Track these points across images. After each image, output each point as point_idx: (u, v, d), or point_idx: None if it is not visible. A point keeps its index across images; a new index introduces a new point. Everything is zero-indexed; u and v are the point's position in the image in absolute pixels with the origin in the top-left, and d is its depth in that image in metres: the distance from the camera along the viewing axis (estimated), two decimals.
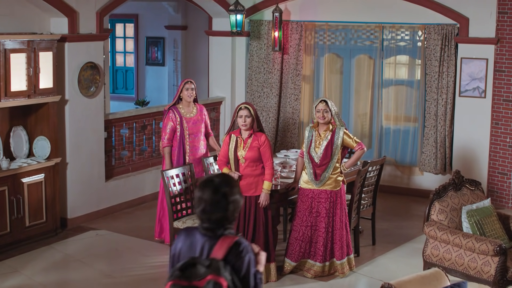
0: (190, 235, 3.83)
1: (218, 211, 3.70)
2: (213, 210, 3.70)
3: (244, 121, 7.27)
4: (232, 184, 3.78)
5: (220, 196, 3.70)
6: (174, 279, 3.53)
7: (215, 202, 3.70)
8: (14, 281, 7.55)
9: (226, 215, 3.72)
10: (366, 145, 11.55)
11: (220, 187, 3.72)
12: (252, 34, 12.06)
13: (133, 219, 9.91)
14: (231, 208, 3.72)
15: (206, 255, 3.71)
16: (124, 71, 18.28)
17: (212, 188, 3.72)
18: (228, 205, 3.71)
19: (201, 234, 3.77)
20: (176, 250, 3.85)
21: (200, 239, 3.77)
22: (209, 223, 3.73)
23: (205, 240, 3.75)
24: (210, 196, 3.71)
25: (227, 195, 3.72)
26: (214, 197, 3.70)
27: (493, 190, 10.59)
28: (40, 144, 8.85)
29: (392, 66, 11.42)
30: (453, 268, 6.90)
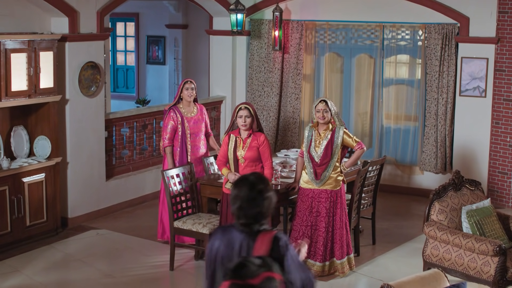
0: (227, 233, 3.96)
1: (254, 207, 3.86)
2: (250, 207, 3.86)
3: (244, 121, 7.28)
4: (267, 182, 3.96)
5: (256, 193, 3.87)
6: (230, 279, 3.52)
7: (251, 199, 3.86)
8: (15, 280, 7.56)
9: (261, 211, 3.88)
10: (367, 144, 11.57)
11: (256, 185, 3.89)
12: (252, 33, 12.07)
13: (133, 219, 9.92)
14: (266, 204, 3.89)
15: (246, 251, 3.84)
16: (125, 70, 18.29)
17: (248, 185, 3.89)
18: (263, 201, 3.88)
19: (239, 231, 3.92)
20: (213, 248, 3.97)
21: (238, 236, 3.91)
22: (245, 219, 3.88)
23: (243, 237, 3.89)
24: (247, 193, 3.87)
25: (263, 191, 3.89)
26: (250, 194, 3.87)
27: (493, 189, 10.60)
28: (41, 143, 8.87)
29: (393, 66, 11.43)
30: (453, 268, 6.91)
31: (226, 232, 3.98)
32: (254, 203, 3.87)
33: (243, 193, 3.88)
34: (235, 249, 3.89)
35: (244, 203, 3.87)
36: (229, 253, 3.90)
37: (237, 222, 3.93)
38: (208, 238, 4.07)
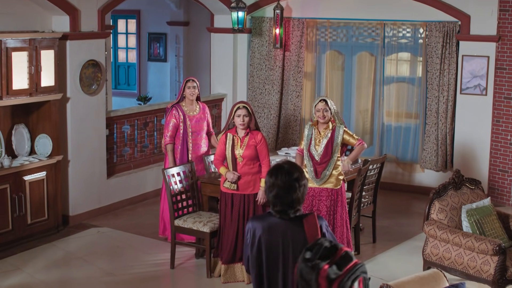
0: (264, 220, 4.20)
1: (291, 194, 4.06)
2: (286, 194, 4.06)
3: (243, 120, 7.31)
4: (301, 170, 4.16)
5: (293, 180, 4.06)
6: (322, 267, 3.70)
7: (288, 186, 4.05)
8: (16, 279, 7.59)
9: (298, 197, 4.09)
10: (368, 142, 11.59)
11: (292, 173, 4.08)
12: (253, 31, 12.08)
13: (134, 216, 9.94)
14: (302, 191, 4.11)
15: (291, 236, 4.11)
16: (126, 67, 18.30)
17: (285, 173, 4.07)
18: (300, 188, 4.08)
19: (276, 218, 4.15)
20: (256, 235, 4.17)
21: (279, 222, 4.15)
22: (281, 206, 4.09)
23: (284, 222, 4.13)
24: (284, 181, 4.06)
25: (299, 179, 4.08)
26: (288, 182, 4.06)
27: (494, 187, 10.61)
28: (42, 142, 8.89)
29: (394, 63, 11.43)
30: (452, 267, 6.93)
31: (263, 219, 4.21)
32: (291, 190, 4.05)
33: (279, 181, 4.06)
34: (279, 235, 4.13)
35: (281, 190, 4.05)
36: (273, 238, 4.14)
37: (273, 209, 4.14)
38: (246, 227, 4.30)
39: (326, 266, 3.68)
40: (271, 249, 4.18)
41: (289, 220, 4.13)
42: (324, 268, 3.67)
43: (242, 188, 7.38)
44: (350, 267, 3.68)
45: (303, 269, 3.75)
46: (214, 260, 7.72)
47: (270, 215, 4.20)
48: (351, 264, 3.69)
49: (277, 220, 4.16)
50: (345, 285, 3.62)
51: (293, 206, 4.11)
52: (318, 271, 3.68)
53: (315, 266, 3.71)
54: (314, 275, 3.69)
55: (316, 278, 3.69)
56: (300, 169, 4.17)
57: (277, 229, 4.15)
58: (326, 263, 3.69)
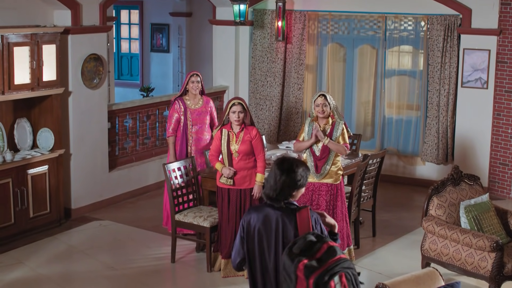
0: (260, 211, 4.38)
1: (287, 184, 4.30)
2: (283, 183, 4.30)
3: (238, 116, 7.37)
4: (305, 166, 4.39)
5: (292, 172, 4.29)
6: (302, 259, 3.91)
7: (287, 177, 4.29)
8: (18, 273, 7.66)
9: (291, 189, 4.32)
10: (369, 134, 11.67)
11: (294, 165, 4.32)
12: (255, 23, 12.10)
13: (136, 209, 10.01)
14: (298, 183, 4.32)
15: (282, 227, 4.28)
16: (129, 58, 18.33)
17: (288, 164, 4.33)
18: (296, 180, 4.30)
19: (271, 208, 4.33)
20: (251, 223, 4.38)
21: (272, 213, 4.32)
22: (275, 193, 4.31)
23: (277, 213, 4.31)
24: (283, 169, 4.30)
25: (297, 172, 4.31)
26: (287, 172, 4.29)
27: (494, 180, 10.64)
28: (44, 135, 8.94)
29: (395, 56, 11.44)
30: (450, 263, 6.98)
31: (260, 210, 4.38)
32: (289, 181, 4.28)
33: (280, 170, 4.30)
34: (272, 226, 4.30)
35: (278, 178, 4.28)
36: (266, 228, 4.31)
37: (267, 197, 4.34)
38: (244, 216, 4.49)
39: (305, 261, 3.85)
40: (262, 239, 4.33)
41: (282, 211, 4.30)
42: (303, 262, 3.84)
43: (238, 183, 7.45)
44: (331, 262, 3.76)
45: (285, 262, 3.95)
46: (214, 255, 7.79)
47: (265, 206, 4.37)
48: (333, 259, 3.78)
49: (271, 211, 4.32)
50: (321, 279, 3.71)
51: (285, 196, 4.29)
52: (296, 265, 3.79)
53: (294, 259, 3.81)
54: (293, 267, 3.80)
55: (294, 270, 3.80)
56: (304, 165, 4.36)
57: (271, 220, 4.32)
58: (306, 258, 3.85)
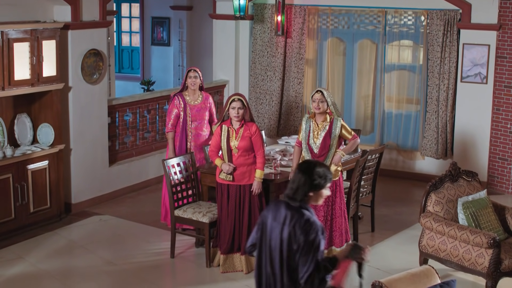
0: (277, 206, 4.53)
1: (302, 184, 4.45)
2: (299, 182, 4.46)
3: (237, 112, 7.40)
4: (326, 169, 4.52)
5: (311, 173, 4.45)
6: None
7: (305, 177, 4.45)
8: (19, 268, 7.71)
9: (306, 189, 4.45)
10: (368, 128, 11.69)
11: (315, 167, 4.47)
12: (255, 17, 12.11)
13: (136, 204, 10.05)
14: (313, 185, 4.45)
15: (288, 226, 4.40)
16: (130, 51, 18.35)
17: (310, 166, 4.49)
18: (312, 182, 4.44)
19: (285, 206, 4.47)
20: (265, 216, 4.57)
21: (284, 211, 4.46)
22: (291, 191, 4.48)
23: (287, 212, 4.44)
24: (304, 169, 4.47)
25: (315, 175, 4.45)
26: (306, 173, 4.46)
27: (494, 175, 10.67)
28: (44, 131, 8.97)
29: (395, 51, 11.46)
30: (448, 259, 7.01)
31: (278, 205, 4.53)
32: (304, 181, 4.42)
33: (302, 171, 4.46)
34: (279, 221, 4.45)
35: (297, 177, 4.45)
36: (274, 222, 4.48)
37: (287, 198, 4.50)
38: None
39: None
40: (267, 232, 4.50)
41: (294, 211, 4.40)
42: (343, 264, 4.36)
43: (237, 179, 7.49)
44: None
45: None
46: (213, 250, 7.83)
47: (283, 202, 4.51)
48: None
49: (283, 208, 4.47)
50: None
51: (301, 196, 4.42)
52: None
53: None
54: None
55: None
56: (324, 167, 4.49)
57: (280, 216, 4.45)
58: None
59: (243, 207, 7.53)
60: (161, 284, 7.45)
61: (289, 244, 4.38)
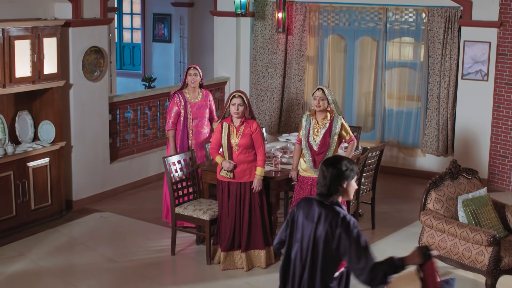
0: (309, 203, 4.56)
1: (331, 181, 4.50)
2: (328, 180, 4.50)
3: (237, 109, 7.42)
4: (352, 164, 4.55)
5: (338, 170, 4.49)
6: None
7: (333, 174, 4.48)
8: (19, 265, 7.73)
9: (335, 187, 4.51)
10: (369, 125, 11.70)
11: (340, 163, 4.52)
12: (256, 14, 12.11)
13: (137, 201, 10.07)
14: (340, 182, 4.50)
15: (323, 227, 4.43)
16: (131, 48, 18.36)
17: (336, 163, 4.52)
18: (339, 179, 4.50)
19: (319, 204, 4.50)
20: (296, 213, 4.61)
21: (317, 209, 4.50)
22: (321, 189, 4.52)
23: (321, 210, 4.47)
24: (329, 166, 4.51)
25: (342, 171, 4.50)
26: (334, 170, 4.49)
27: (494, 172, 10.68)
28: (45, 128, 8.99)
29: (396, 48, 11.46)
30: (448, 256, 7.02)
31: (310, 202, 4.55)
32: (334, 177, 4.46)
33: (329, 168, 4.48)
34: (313, 220, 4.46)
35: (325, 175, 4.48)
36: (306, 221, 4.51)
37: (319, 197, 4.52)
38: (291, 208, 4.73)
39: None
40: (298, 230, 4.55)
41: (329, 210, 4.44)
42: None
43: (238, 177, 7.50)
44: None
45: None
46: (214, 247, 7.84)
47: (315, 200, 4.54)
48: None
49: (316, 206, 4.49)
50: None
51: (336, 189, 4.47)
52: None
53: None
54: None
55: None
56: (347, 159, 4.53)
57: (313, 215, 4.48)
58: None
59: (244, 205, 7.55)
60: (161, 281, 7.46)
61: (325, 243, 4.40)
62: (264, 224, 7.63)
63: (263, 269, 7.68)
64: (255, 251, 7.68)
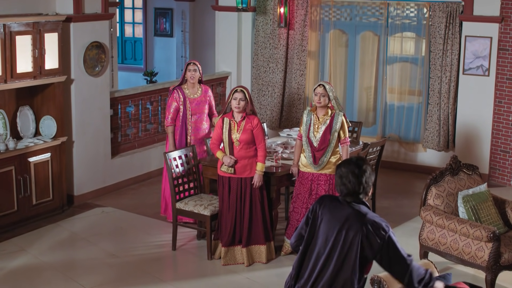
0: (335, 203, 4.60)
1: (350, 182, 4.56)
2: (347, 181, 4.56)
3: (238, 103, 7.43)
4: (365, 163, 4.60)
5: (354, 170, 4.55)
6: None
7: (350, 175, 4.55)
8: (21, 260, 7.75)
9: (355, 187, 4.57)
10: (371, 120, 11.72)
11: (354, 164, 4.59)
12: (258, 9, 12.10)
13: (138, 195, 10.09)
14: (359, 181, 4.55)
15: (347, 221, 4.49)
16: (133, 42, 18.37)
17: (350, 165, 4.59)
18: (357, 178, 4.54)
19: (347, 204, 4.55)
20: (318, 211, 4.62)
21: (340, 206, 4.57)
22: (346, 190, 4.57)
23: (344, 207, 4.54)
24: (346, 170, 4.57)
25: (359, 171, 4.55)
26: (349, 172, 4.56)
27: (495, 167, 10.69)
28: (47, 123, 9.00)
29: (397, 43, 11.45)
30: (448, 252, 7.04)
31: (334, 203, 4.59)
32: (351, 179, 4.52)
33: (344, 170, 4.55)
34: (340, 221, 4.49)
35: (344, 178, 4.54)
36: (331, 221, 4.52)
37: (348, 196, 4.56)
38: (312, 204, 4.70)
39: None
40: (327, 232, 4.53)
41: (357, 208, 4.49)
42: None
43: (239, 172, 7.52)
44: None
45: None
46: (214, 243, 7.87)
47: (337, 199, 4.61)
48: None
49: (343, 207, 4.53)
50: None
51: (351, 193, 4.51)
52: None
53: None
54: None
55: None
56: (364, 163, 4.56)
57: (340, 215, 4.50)
58: None
59: (244, 200, 7.57)
60: (162, 277, 7.48)
61: (351, 244, 4.44)
62: (265, 220, 7.66)
63: (263, 264, 7.70)
64: (255, 247, 7.70)
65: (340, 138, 7.66)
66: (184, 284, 7.29)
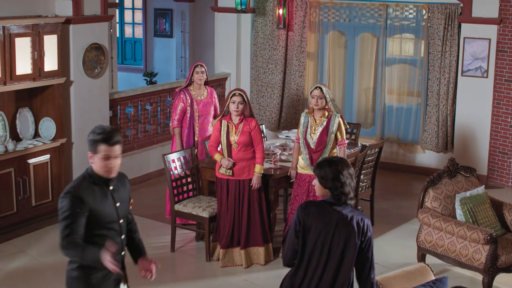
0: (325, 210, 4.54)
1: (336, 184, 4.55)
2: (333, 184, 4.54)
3: (237, 107, 7.47)
4: (345, 164, 4.61)
5: (337, 172, 4.55)
6: None
7: (334, 177, 4.53)
8: (20, 261, 7.79)
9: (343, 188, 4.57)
10: (370, 121, 11.73)
11: (336, 164, 4.58)
12: (257, 10, 12.13)
13: (137, 197, 10.09)
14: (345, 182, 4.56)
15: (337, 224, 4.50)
16: (132, 42, 18.40)
17: (328, 165, 4.59)
18: (341, 179, 4.55)
19: (340, 207, 4.55)
20: (308, 216, 4.53)
21: (329, 209, 4.54)
22: (335, 192, 4.57)
23: (332, 209, 4.52)
24: (330, 171, 4.56)
25: (341, 172, 4.55)
26: (333, 173, 4.55)
27: (494, 169, 10.71)
28: (46, 125, 9.02)
29: (396, 45, 11.48)
30: (445, 254, 7.07)
31: (322, 208, 4.52)
32: (336, 181, 4.49)
33: (327, 172, 4.51)
34: (332, 224, 4.48)
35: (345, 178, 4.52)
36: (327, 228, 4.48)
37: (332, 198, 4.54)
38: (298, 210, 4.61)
39: None
40: (324, 239, 4.50)
41: (335, 210, 4.49)
42: None
43: (237, 174, 7.55)
44: None
45: None
46: (213, 244, 7.89)
47: (324, 204, 4.55)
48: None
49: (333, 211, 4.50)
50: None
51: (340, 196, 4.51)
52: None
53: None
54: None
55: None
56: (345, 164, 4.55)
57: (331, 219, 4.48)
58: None
59: (243, 202, 7.60)
60: (161, 278, 7.49)
61: (349, 246, 4.48)
62: (263, 221, 7.69)
63: (262, 266, 7.73)
64: (254, 248, 7.73)
65: (337, 140, 7.69)
66: (182, 286, 7.32)
